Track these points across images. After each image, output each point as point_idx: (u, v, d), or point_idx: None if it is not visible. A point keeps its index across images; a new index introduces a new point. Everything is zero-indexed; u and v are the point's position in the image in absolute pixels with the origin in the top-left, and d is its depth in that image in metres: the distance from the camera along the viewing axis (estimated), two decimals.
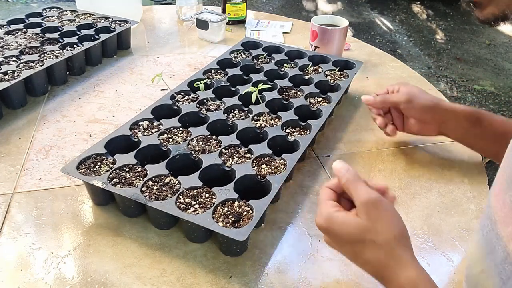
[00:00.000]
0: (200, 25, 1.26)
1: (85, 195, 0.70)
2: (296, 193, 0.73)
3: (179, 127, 0.77)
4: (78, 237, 0.63)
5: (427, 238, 0.65)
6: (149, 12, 1.49)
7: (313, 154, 0.82)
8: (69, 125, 0.88)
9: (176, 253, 0.61)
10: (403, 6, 4.43)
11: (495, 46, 3.63)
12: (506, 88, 3.01)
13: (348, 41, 1.26)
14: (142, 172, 0.67)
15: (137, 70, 1.10)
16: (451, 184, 0.76)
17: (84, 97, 0.98)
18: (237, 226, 0.58)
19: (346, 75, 0.98)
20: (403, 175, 0.78)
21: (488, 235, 0.43)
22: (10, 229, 0.64)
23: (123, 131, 0.75)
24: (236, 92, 0.89)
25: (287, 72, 0.98)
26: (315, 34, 1.11)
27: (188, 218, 0.58)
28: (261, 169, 0.68)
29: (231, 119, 0.81)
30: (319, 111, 0.84)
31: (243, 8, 1.38)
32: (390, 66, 1.18)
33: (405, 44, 3.62)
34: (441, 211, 0.70)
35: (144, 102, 0.96)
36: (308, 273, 0.59)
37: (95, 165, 0.67)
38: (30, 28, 1.11)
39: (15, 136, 0.84)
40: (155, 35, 1.31)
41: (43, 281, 0.56)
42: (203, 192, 0.63)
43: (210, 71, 0.97)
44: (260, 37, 1.31)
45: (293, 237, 0.65)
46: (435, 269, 0.60)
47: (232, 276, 0.58)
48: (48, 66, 0.95)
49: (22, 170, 0.75)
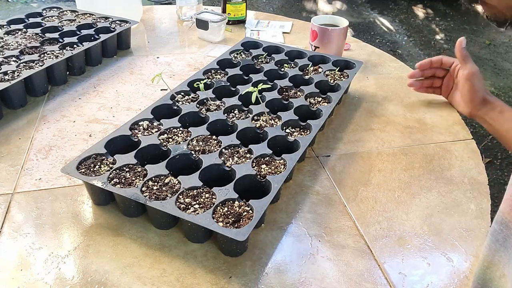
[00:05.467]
0: (200, 25, 1.26)
1: (85, 195, 0.70)
2: (296, 193, 0.73)
3: (179, 127, 0.77)
4: (78, 237, 0.63)
5: (427, 238, 0.65)
6: (149, 12, 1.49)
7: (313, 154, 0.82)
8: (69, 125, 0.88)
9: (176, 253, 0.61)
10: (403, 6, 4.43)
11: (495, 46, 3.63)
12: (506, 88, 3.01)
13: (348, 41, 1.26)
14: (142, 172, 0.67)
15: (137, 70, 1.10)
16: (451, 184, 0.76)
17: (84, 97, 0.98)
18: (237, 226, 0.58)
19: (346, 75, 0.98)
20: (403, 175, 0.78)
21: (506, 242, 0.43)
22: (10, 229, 0.64)
23: (123, 131, 0.75)
24: (236, 92, 0.89)
25: (287, 72, 0.98)
26: (315, 34, 1.11)
27: (188, 218, 0.58)
28: (261, 169, 0.68)
29: (231, 119, 0.81)
30: (319, 111, 0.84)
31: (243, 8, 1.38)
32: (390, 66, 1.18)
33: (405, 44, 3.62)
34: (441, 211, 0.70)
35: (144, 102, 0.96)
36: (308, 273, 0.59)
37: (95, 165, 0.67)
38: (30, 28, 1.11)
39: (15, 136, 0.84)
40: (155, 35, 1.31)
41: (43, 281, 0.56)
42: (203, 192, 0.63)
43: (210, 71, 0.97)
44: (260, 37, 1.31)
45: (293, 237, 0.65)
46: (435, 269, 0.60)
47: (232, 276, 0.58)
48: (48, 66, 0.95)
49: (22, 170, 0.75)
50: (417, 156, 0.83)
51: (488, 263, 0.48)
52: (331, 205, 0.70)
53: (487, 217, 0.70)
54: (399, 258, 0.62)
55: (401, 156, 0.83)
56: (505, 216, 0.42)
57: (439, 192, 0.74)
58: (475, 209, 0.71)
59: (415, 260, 0.62)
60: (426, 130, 0.91)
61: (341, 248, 0.63)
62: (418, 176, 0.78)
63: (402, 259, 0.62)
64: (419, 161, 0.82)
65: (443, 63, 0.98)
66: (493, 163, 2.32)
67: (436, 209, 0.71)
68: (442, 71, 0.99)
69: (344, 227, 0.66)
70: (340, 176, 0.77)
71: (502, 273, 0.45)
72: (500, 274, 0.45)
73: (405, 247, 0.64)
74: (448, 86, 0.99)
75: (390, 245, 0.64)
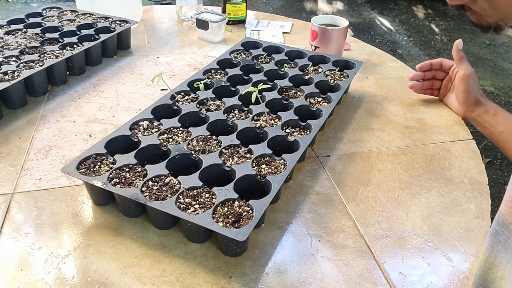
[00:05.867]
0: (200, 25, 1.26)
1: (85, 195, 0.70)
2: (296, 193, 0.73)
3: (179, 127, 0.77)
4: (78, 237, 0.63)
5: (427, 238, 0.65)
6: (149, 12, 1.49)
7: (313, 154, 0.82)
8: (69, 125, 0.88)
9: (176, 253, 0.61)
10: (403, 6, 4.43)
11: (495, 46, 3.63)
12: (506, 88, 3.01)
13: (348, 41, 1.26)
14: (142, 172, 0.67)
15: (137, 70, 1.10)
16: (451, 184, 0.76)
17: (84, 97, 0.98)
18: (237, 226, 0.58)
19: (346, 75, 0.98)
20: (403, 175, 0.78)
21: (507, 244, 0.43)
22: (10, 229, 0.64)
23: (123, 131, 0.75)
24: (236, 92, 0.89)
25: (287, 72, 0.98)
26: (315, 34, 1.11)
27: (188, 218, 0.58)
28: (261, 169, 0.68)
29: (231, 119, 0.81)
30: (319, 111, 0.84)
31: (243, 8, 1.38)
32: (390, 66, 1.18)
33: (405, 44, 3.62)
34: (441, 211, 0.70)
35: (144, 102, 0.96)
36: (308, 273, 0.59)
37: (95, 165, 0.67)
38: (30, 28, 1.11)
39: (15, 136, 0.84)
40: (155, 35, 1.31)
41: (43, 281, 0.56)
42: (203, 192, 0.63)
43: (210, 71, 0.97)
44: (260, 37, 1.31)
45: (293, 237, 0.65)
46: (435, 269, 0.60)
47: (232, 276, 0.58)
48: (48, 66, 0.95)
49: (22, 170, 0.75)
50: (417, 156, 0.83)
51: (489, 265, 0.48)
52: (331, 205, 0.70)
53: (487, 217, 0.70)
54: (399, 258, 0.62)
55: (401, 156, 0.83)
56: (505, 217, 0.43)
57: (439, 192, 0.74)
58: (475, 209, 0.71)
59: (415, 260, 0.62)
60: (426, 130, 0.91)
61: (341, 248, 0.63)
62: (418, 176, 0.78)
63: (402, 259, 0.62)
64: (419, 161, 0.82)
65: (442, 65, 0.99)
66: (493, 163, 2.32)
67: (436, 209, 0.71)
68: (442, 73, 1.00)
69: (344, 227, 0.66)
70: (340, 176, 0.77)
71: (503, 275, 0.45)
72: (500, 275, 0.45)
73: (405, 247, 0.64)
74: (446, 88, 1.00)
75: (390, 245, 0.64)
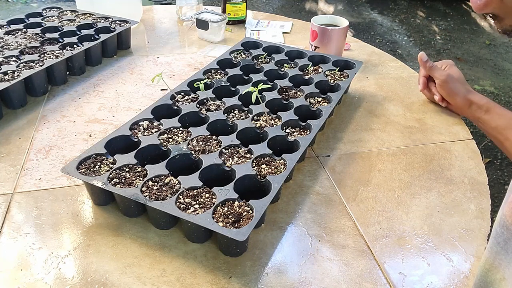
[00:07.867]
0: (200, 25, 1.26)
1: (85, 195, 0.70)
2: (296, 193, 0.73)
3: (179, 127, 0.77)
4: (78, 237, 0.63)
5: (427, 238, 0.65)
6: (149, 12, 1.49)
7: (313, 154, 0.82)
8: (69, 125, 0.88)
9: (176, 253, 0.61)
10: (403, 6, 4.43)
11: (495, 46, 3.63)
12: (506, 88, 3.01)
13: (348, 41, 1.26)
14: (142, 172, 0.67)
15: (137, 70, 1.10)
16: (451, 184, 0.76)
17: (84, 97, 0.98)
18: (237, 226, 0.58)
19: (346, 75, 0.98)
20: (403, 175, 0.78)
21: (507, 245, 0.43)
22: (10, 229, 0.64)
23: (123, 131, 0.75)
24: (236, 92, 0.89)
25: (287, 72, 0.98)
26: (315, 34, 1.11)
27: (188, 218, 0.58)
28: (261, 169, 0.68)
29: (231, 119, 0.81)
30: (319, 111, 0.84)
31: (243, 8, 1.38)
32: (390, 66, 1.18)
33: (405, 44, 3.62)
34: (441, 211, 0.70)
35: (144, 102, 0.96)
36: (308, 273, 0.59)
37: (95, 165, 0.67)
38: (30, 28, 1.11)
39: (15, 136, 0.84)
40: (155, 35, 1.31)
41: (43, 281, 0.56)
42: (203, 192, 0.63)
43: (210, 71, 0.97)
44: (260, 37, 1.31)
45: (293, 237, 0.65)
46: (435, 269, 0.60)
47: (232, 276, 0.58)
48: (48, 66, 0.95)
49: (22, 170, 0.75)
50: (417, 156, 0.83)
51: (489, 266, 0.48)
52: (331, 205, 0.70)
53: (487, 217, 0.70)
54: (399, 258, 0.62)
55: (401, 156, 0.83)
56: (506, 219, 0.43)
57: (439, 192, 0.74)
58: (475, 209, 0.71)
59: (415, 260, 0.62)
60: (426, 130, 0.91)
61: (341, 248, 0.63)
62: (418, 176, 0.78)
63: (402, 259, 0.62)
64: (419, 161, 0.82)
65: None
66: (493, 163, 2.32)
67: (436, 209, 0.71)
68: None
69: (344, 227, 0.66)
70: (340, 176, 0.77)
71: (503, 276, 0.45)
72: (500, 277, 0.45)
73: (405, 247, 0.64)
74: None
75: (390, 245, 0.64)
